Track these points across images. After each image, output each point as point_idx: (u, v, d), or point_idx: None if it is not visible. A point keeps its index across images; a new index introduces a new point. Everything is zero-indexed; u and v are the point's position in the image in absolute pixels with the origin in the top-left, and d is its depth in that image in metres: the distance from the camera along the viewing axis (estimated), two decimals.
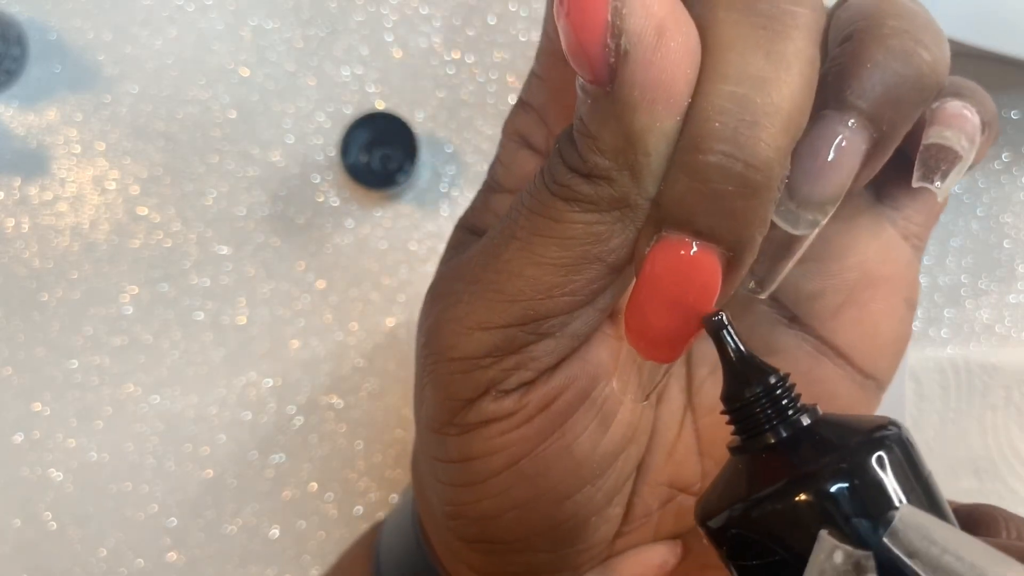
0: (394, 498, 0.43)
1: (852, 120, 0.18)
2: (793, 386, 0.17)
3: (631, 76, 0.16)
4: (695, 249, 0.17)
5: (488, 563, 0.22)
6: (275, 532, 0.42)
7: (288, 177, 0.43)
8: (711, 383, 0.24)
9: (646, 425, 0.22)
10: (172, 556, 0.42)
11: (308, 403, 0.43)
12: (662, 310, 0.17)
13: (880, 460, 0.15)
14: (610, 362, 0.21)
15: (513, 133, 0.22)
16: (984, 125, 0.20)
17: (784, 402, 0.17)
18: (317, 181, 0.43)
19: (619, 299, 0.20)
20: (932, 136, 0.20)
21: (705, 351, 0.24)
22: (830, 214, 0.18)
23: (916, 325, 0.42)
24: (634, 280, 0.18)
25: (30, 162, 0.43)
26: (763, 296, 0.20)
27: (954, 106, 0.20)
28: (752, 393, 0.17)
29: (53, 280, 0.43)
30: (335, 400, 0.43)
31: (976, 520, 0.19)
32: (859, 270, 0.23)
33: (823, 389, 0.23)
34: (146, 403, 0.43)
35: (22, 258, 0.43)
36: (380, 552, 0.29)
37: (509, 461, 0.20)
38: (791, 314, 0.23)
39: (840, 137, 0.18)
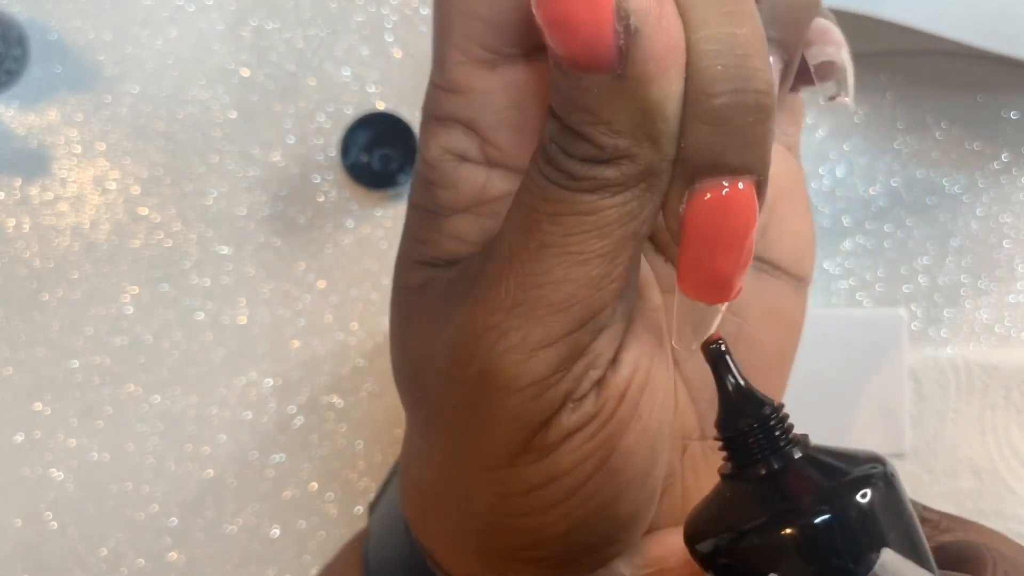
0: None
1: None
2: (787, 417, 0.18)
3: (644, 51, 0.16)
4: (727, 188, 0.18)
5: (555, 574, 0.22)
6: (275, 532, 0.42)
7: (288, 177, 0.43)
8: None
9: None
10: (173, 556, 0.42)
11: (308, 403, 0.43)
12: (718, 254, 0.18)
13: (865, 497, 0.16)
14: (656, 331, 0.21)
15: (443, 154, 0.21)
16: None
17: (777, 434, 0.17)
18: (317, 181, 0.43)
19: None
20: (818, 55, 0.21)
21: (667, 302, 0.24)
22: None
23: (916, 325, 0.42)
24: (680, 239, 0.18)
25: (31, 162, 0.43)
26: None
27: (820, 23, 0.22)
28: (746, 423, 0.17)
29: (54, 280, 0.43)
30: (335, 400, 0.43)
31: (964, 559, 0.20)
32: (771, 188, 0.24)
33: (772, 302, 0.24)
34: (147, 403, 0.43)
35: (23, 258, 0.43)
36: (369, 560, 0.29)
37: (600, 462, 0.20)
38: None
39: None
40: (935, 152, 0.43)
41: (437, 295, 0.21)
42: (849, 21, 0.37)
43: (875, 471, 0.16)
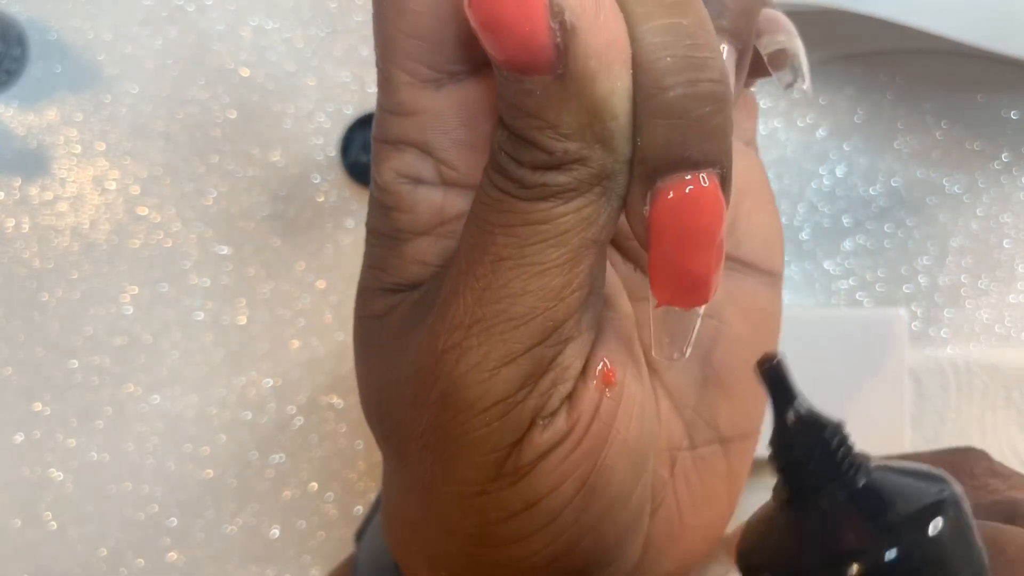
0: None
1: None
2: (847, 439, 0.17)
3: (584, 48, 0.16)
4: (691, 184, 0.17)
5: None
6: (275, 532, 0.42)
7: (288, 177, 0.43)
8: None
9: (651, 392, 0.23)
10: (172, 556, 0.42)
11: (308, 403, 0.43)
12: (689, 254, 0.17)
13: (935, 528, 0.15)
14: (626, 341, 0.20)
15: (397, 178, 0.20)
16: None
17: (839, 458, 0.16)
18: (317, 181, 0.43)
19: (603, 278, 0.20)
20: (770, 44, 0.21)
21: (642, 310, 0.24)
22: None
23: (916, 325, 0.42)
24: (648, 243, 0.18)
25: (30, 162, 0.43)
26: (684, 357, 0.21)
27: (768, 13, 0.21)
28: (806, 449, 0.16)
29: (53, 280, 0.43)
30: (335, 400, 0.43)
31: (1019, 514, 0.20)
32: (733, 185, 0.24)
33: (746, 300, 0.24)
34: (146, 403, 0.43)
35: (22, 258, 0.43)
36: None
37: (580, 482, 0.19)
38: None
39: None
40: (935, 152, 0.43)
41: (398, 319, 0.20)
42: (850, 21, 0.37)
43: (944, 496, 0.16)
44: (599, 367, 0.19)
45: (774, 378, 0.17)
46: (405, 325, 0.20)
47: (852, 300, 0.42)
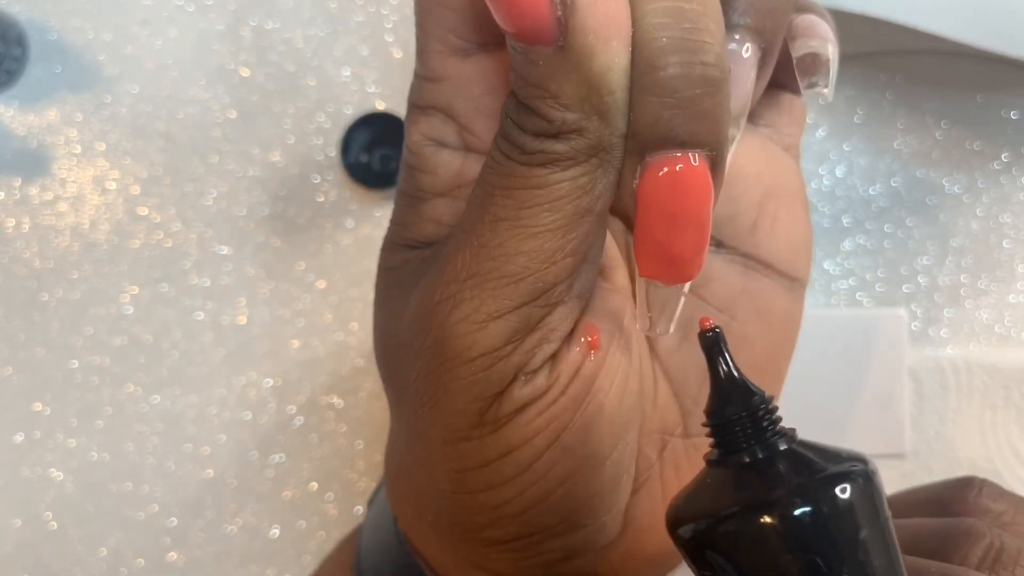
0: None
1: (738, 35, 0.20)
2: (775, 410, 0.18)
3: (583, 22, 0.17)
4: (680, 164, 0.18)
5: (520, 558, 0.22)
6: (275, 532, 0.42)
7: (288, 177, 0.43)
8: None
9: (648, 372, 0.23)
10: (172, 556, 0.42)
11: (308, 403, 0.43)
12: (671, 230, 0.18)
13: (843, 492, 0.16)
14: (616, 312, 0.21)
15: (423, 140, 0.22)
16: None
17: (764, 424, 0.18)
18: (317, 181, 0.43)
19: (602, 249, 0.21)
20: (801, 48, 0.22)
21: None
22: (743, 127, 0.20)
23: (916, 325, 0.42)
24: (634, 216, 0.18)
25: (30, 162, 0.43)
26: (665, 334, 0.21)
27: (807, 18, 0.22)
28: (735, 412, 0.18)
29: (53, 280, 0.43)
30: (335, 400, 0.43)
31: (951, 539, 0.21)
32: (759, 186, 0.24)
33: (761, 300, 0.24)
34: (146, 403, 0.43)
35: (22, 258, 0.43)
36: (361, 558, 0.29)
37: (552, 437, 0.20)
38: (716, 240, 0.24)
39: (735, 53, 0.19)
40: (935, 152, 0.43)
41: (412, 273, 0.21)
42: (850, 21, 0.37)
43: (856, 469, 0.17)
44: (585, 332, 0.20)
45: (712, 344, 0.18)
46: (414, 277, 0.21)
47: (852, 300, 0.42)
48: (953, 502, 0.23)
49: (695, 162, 0.18)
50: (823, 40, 0.22)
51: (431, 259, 0.21)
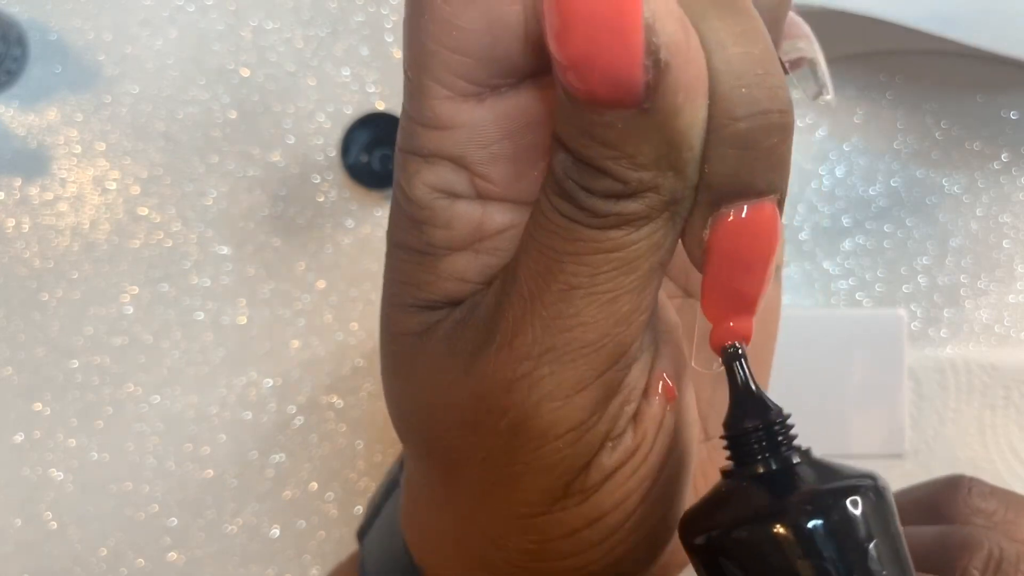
0: None
1: None
2: (791, 426, 0.18)
3: (675, 83, 0.16)
4: (751, 210, 0.17)
5: None
6: (275, 532, 0.42)
7: (288, 177, 0.43)
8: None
9: None
10: (172, 556, 0.42)
11: (308, 403, 0.43)
12: (745, 277, 0.18)
13: (855, 504, 0.17)
14: (677, 355, 0.21)
15: (431, 193, 0.19)
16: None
17: (779, 439, 0.18)
18: (317, 181, 0.43)
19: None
20: (791, 51, 0.21)
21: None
22: None
23: (916, 325, 0.42)
24: (704, 265, 0.18)
25: (30, 162, 0.43)
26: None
27: (795, 21, 0.22)
28: (752, 425, 0.18)
29: (53, 280, 0.43)
30: (335, 400, 0.43)
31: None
32: None
33: None
34: (146, 403, 0.43)
35: (22, 258, 0.43)
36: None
37: (643, 496, 0.20)
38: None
39: None
40: (935, 152, 0.43)
41: (442, 339, 0.20)
42: (850, 21, 0.37)
43: (866, 483, 0.17)
44: (660, 383, 0.20)
45: (733, 359, 0.18)
46: (447, 347, 0.20)
47: (852, 300, 0.42)
48: (944, 504, 0.23)
49: (767, 208, 0.17)
50: (808, 40, 0.21)
51: (471, 325, 0.19)
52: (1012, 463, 0.41)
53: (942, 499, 0.23)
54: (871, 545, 0.16)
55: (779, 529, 0.16)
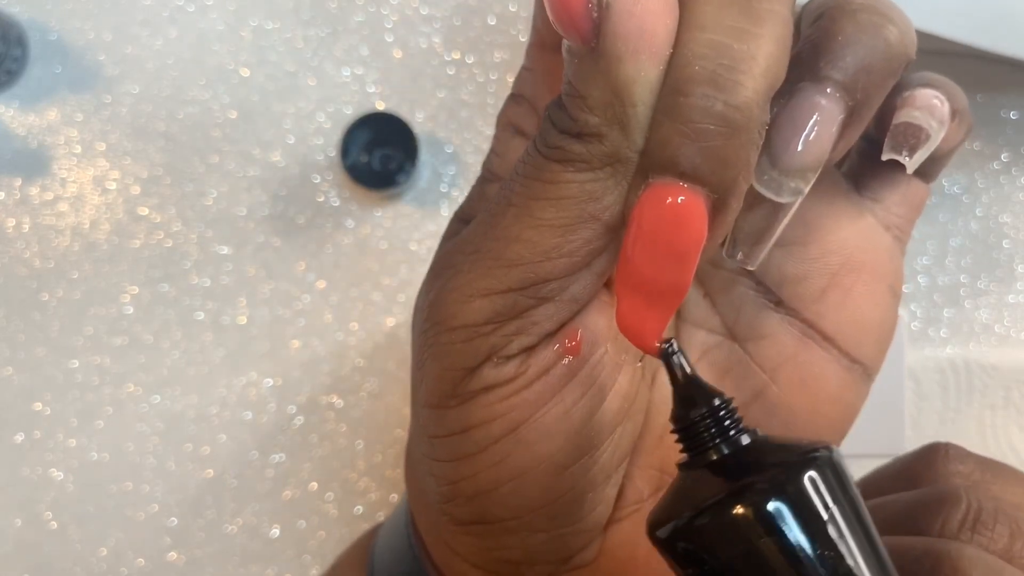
0: (394, 498, 0.43)
1: (828, 88, 0.19)
2: (735, 409, 0.18)
3: (614, 28, 0.17)
4: (680, 195, 0.18)
5: (483, 548, 0.22)
6: (275, 532, 0.42)
7: (288, 177, 0.43)
8: (701, 367, 0.24)
9: (642, 403, 0.23)
10: (172, 556, 0.42)
11: (308, 403, 0.43)
12: (652, 259, 0.18)
13: (811, 479, 0.17)
14: (608, 329, 0.21)
15: (506, 124, 0.23)
16: (954, 112, 0.22)
17: (727, 423, 0.18)
18: (317, 181, 0.43)
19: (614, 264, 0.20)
20: (903, 116, 0.21)
21: (692, 335, 0.24)
22: (812, 182, 0.19)
23: (916, 325, 0.42)
24: (625, 232, 0.19)
25: (31, 162, 0.43)
26: (751, 268, 0.21)
27: (924, 93, 0.21)
28: (698, 414, 0.18)
29: (53, 280, 0.43)
30: (335, 400, 0.43)
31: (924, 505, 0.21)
32: (840, 255, 0.23)
33: (811, 372, 0.23)
34: (146, 403, 0.43)
35: (23, 258, 0.43)
36: (375, 556, 0.29)
37: (508, 427, 0.20)
38: (777, 298, 0.24)
39: (817, 105, 0.19)
40: None
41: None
42: None
43: (819, 454, 0.17)
44: (568, 336, 0.21)
45: (668, 355, 0.19)
46: (452, 232, 0.23)
47: None
48: (923, 470, 0.23)
49: (693, 199, 0.17)
50: (927, 114, 0.21)
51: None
52: (1012, 463, 0.41)
53: (920, 466, 0.24)
54: (830, 514, 0.17)
55: (738, 511, 0.17)
